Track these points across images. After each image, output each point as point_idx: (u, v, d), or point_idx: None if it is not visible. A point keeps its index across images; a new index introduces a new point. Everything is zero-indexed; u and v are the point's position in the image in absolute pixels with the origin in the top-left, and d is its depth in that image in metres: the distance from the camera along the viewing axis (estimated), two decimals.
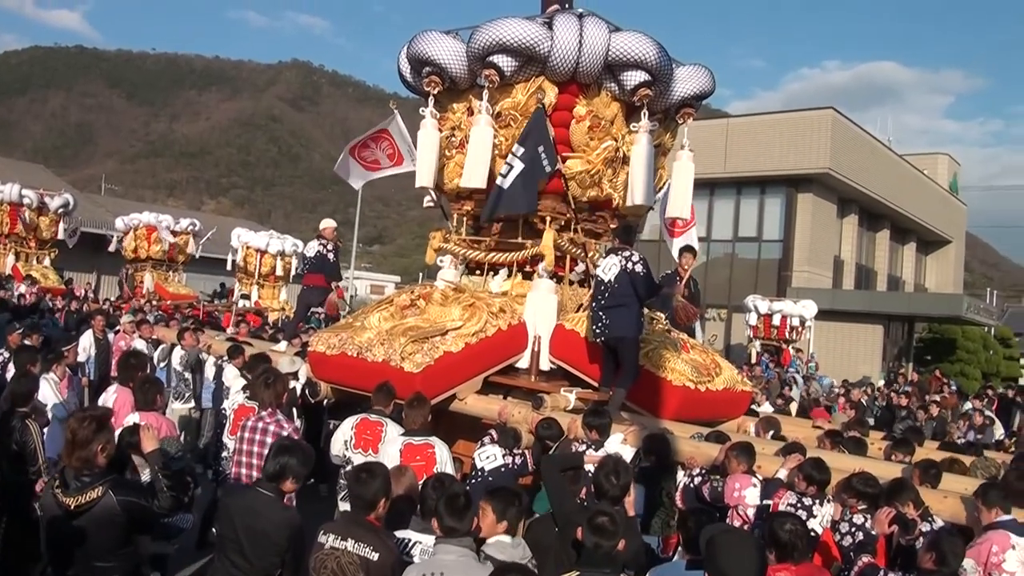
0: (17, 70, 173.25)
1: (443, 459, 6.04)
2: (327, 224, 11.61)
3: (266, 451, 5.77)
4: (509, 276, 9.04)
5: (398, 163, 10.42)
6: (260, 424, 6.05)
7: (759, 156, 30.90)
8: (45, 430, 6.27)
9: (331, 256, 11.30)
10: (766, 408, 12.07)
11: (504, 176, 8.23)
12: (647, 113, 8.62)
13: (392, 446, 6.06)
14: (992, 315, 37.13)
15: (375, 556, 4.01)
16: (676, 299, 9.62)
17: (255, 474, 5.87)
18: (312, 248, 11.42)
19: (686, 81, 8.94)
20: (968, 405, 18.73)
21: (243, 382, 8.08)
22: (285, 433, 5.95)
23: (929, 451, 8.10)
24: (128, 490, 4.23)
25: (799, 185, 31.06)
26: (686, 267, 9.93)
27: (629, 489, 5.07)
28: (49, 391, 7.67)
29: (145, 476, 4.89)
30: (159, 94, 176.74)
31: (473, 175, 8.40)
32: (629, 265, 7.60)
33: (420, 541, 4.46)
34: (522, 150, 8.20)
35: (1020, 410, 18.66)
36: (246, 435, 6.05)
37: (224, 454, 6.95)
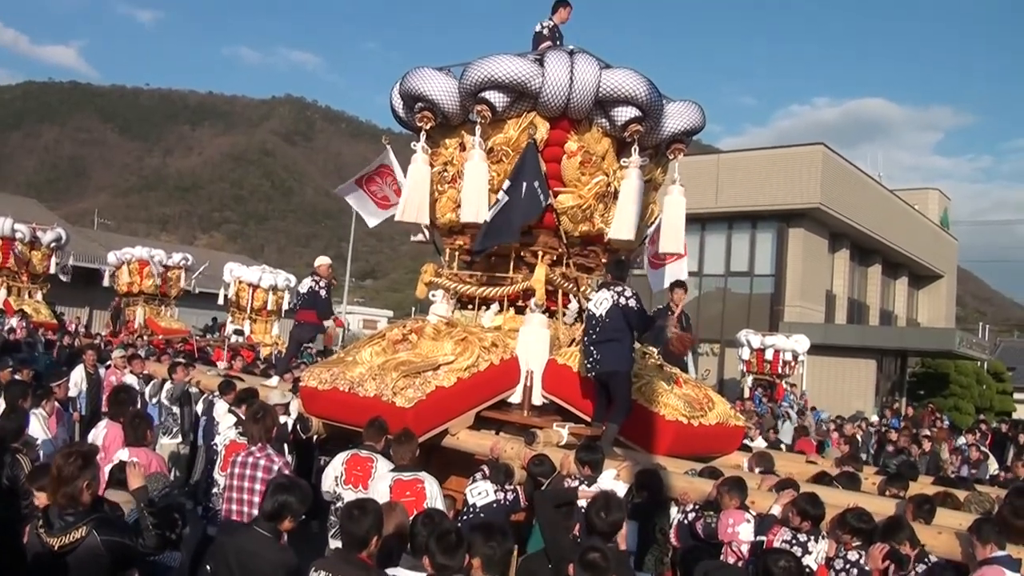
0: (11, 105, 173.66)
1: (433, 494, 5.97)
2: (322, 261, 11.67)
3: (257, 486, 5.83)
4: (501, 311, 9.03)
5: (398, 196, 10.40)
6: (251, 459, 6.02)
7: (750, 191, 31.05)
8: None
9: (323, 293, 11.34)
10: (759, 443, 12.05)
11: (491, 207, 8.27)
12: (638, 149, 8.68)
13: (382, 482, 6.01)
14: (985, 349, 37.18)
15: None
16: (670, 330, 9.61)
17: (246, 510, 5.87)
18: (305, 284, 11.48)
19: (676, 117, 8.99)
20: (961, 440, 18.70)
21: (234, 418, 8.04)
22: (276, 468, 5.95)
23: (923, 486, 8.06)
24: (112, 529, 4.18)
25: (790, 220, 31.18)
26: (678, 302, 9.92)
27: (621, 525, 5.04)
28: (37, 427, 7.61)
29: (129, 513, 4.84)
30: (153, 129, 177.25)
31: (474, 210, 8.42)
32: (622, 300, 7.59)
33: None
34: (508, 184, 8.24)
35: (1014, 445, 18.62)
36: (236, 471, 6.02)
37: (215, 490, 6.91)
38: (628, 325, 7.59)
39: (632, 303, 7.60)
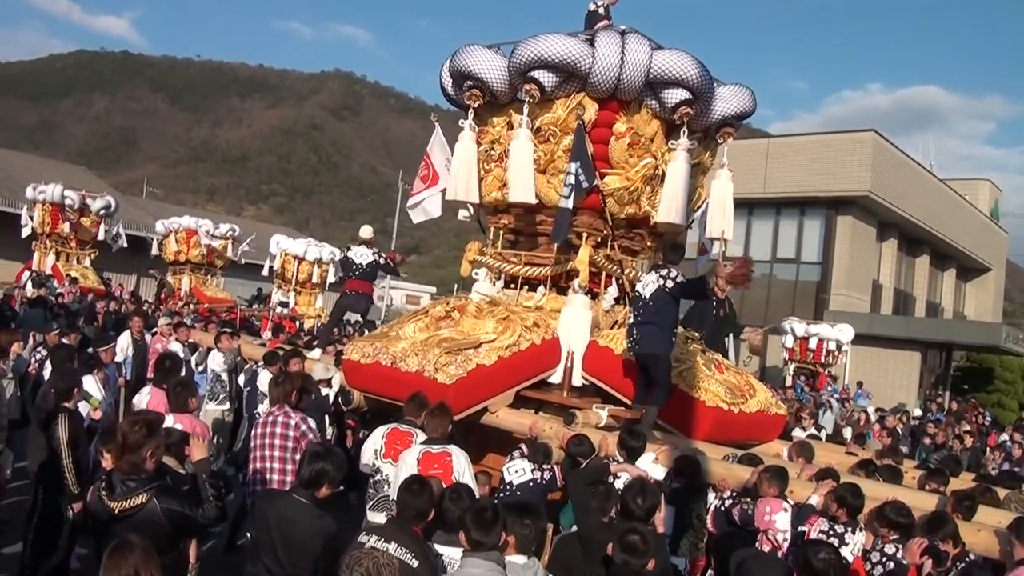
0: (62, 73, 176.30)
1: (461, 468, 5.95)
2: (370, 231, 11.73)
3: (277, 441, 6.23)
4: (547, 291, 9.05)
5: (433, 183, 10.36)
6: (270, 419, 6.39)
7: (799, 177, 30.67)
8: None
9: (385, 265, 11.50)
10: (811, 431, 12.00)
11: (567, 197, 8.20)
12: (687, 132, 8.61)
13: (410, 454, 6.06)
14: None
15: (416, 564, 4.02)
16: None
17: (268, 465, 6.22)
18: (366, 255, 11.47)
19: (727, 101, 8.91)
20: (1004, 436, 18.43)
21: None
22: (293, 423, 6.30)
23: (964, 482, 7.96)
24: (172, 498, 4.25)
25: (839, 207, 30.77)
26: (723, 287, 9.84)
27: (655, 511, 5.04)
28: (93, 386, 7.92)
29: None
30: (202, 100, 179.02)
31: (521, 190, 8.43)
32: (667, 283, 7.56)
33: (442, 554, 4.46)
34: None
35: None
36: (258, 430, 6.41)
37: None
38: (674, 305, 7.57)
39: (679, 279, 7.54)
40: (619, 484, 6.01)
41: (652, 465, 6.54)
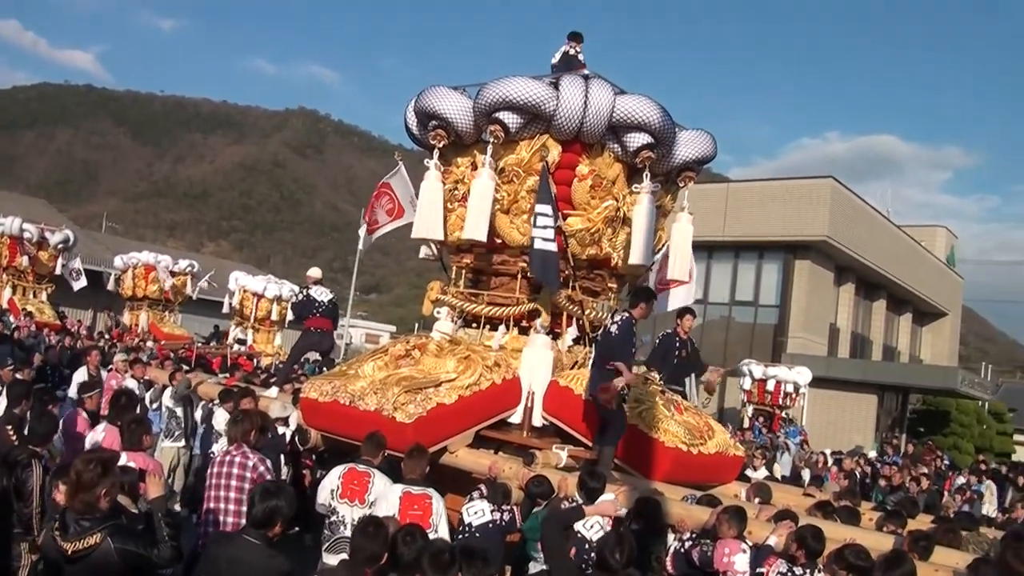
0: (25, 105, 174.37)
1: (439, 511, 6.04)
2: (319, 272, 11.80)
3: (233, 482, 6.07)
4: (508, 330, 9.05)
5: (398, 216, 10.42)
6: (227, 458, 6.24)
7: (758, 221, 31.06)
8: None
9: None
10: (761, 473, 12.06)
11: (550, 240, 8.20)
12: (649, 175, 8.71)
13: (392, 494, 6.05)
14: (987, 389, 37.02)
15: None
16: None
17: (222, 506, 6.06)
18: (326, 293, 11.49)
19: (688, 145, 9.04)
20: (960, 480, 18.63)
21: None
22: (251, 464, 6.15)
23: (921, 523, 8.02)
24: (127, 538, 4.16)
25: (797, 251, 31.17)
26: (686, 329, 9.95)
27: (632, 563, 5.01)
28: None
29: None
30: (165, 135, 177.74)
31: (474, 227, 8.44)
32: (610, 325, 7.73)
33: None
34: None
35: (1013, 486, 18.54)
36: (214, 469, 6.26)
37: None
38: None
39: (613, 328, 7.66)
40: (589, 527, 6.01)
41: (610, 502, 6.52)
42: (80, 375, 11.12)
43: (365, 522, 4.47)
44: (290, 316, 23.56)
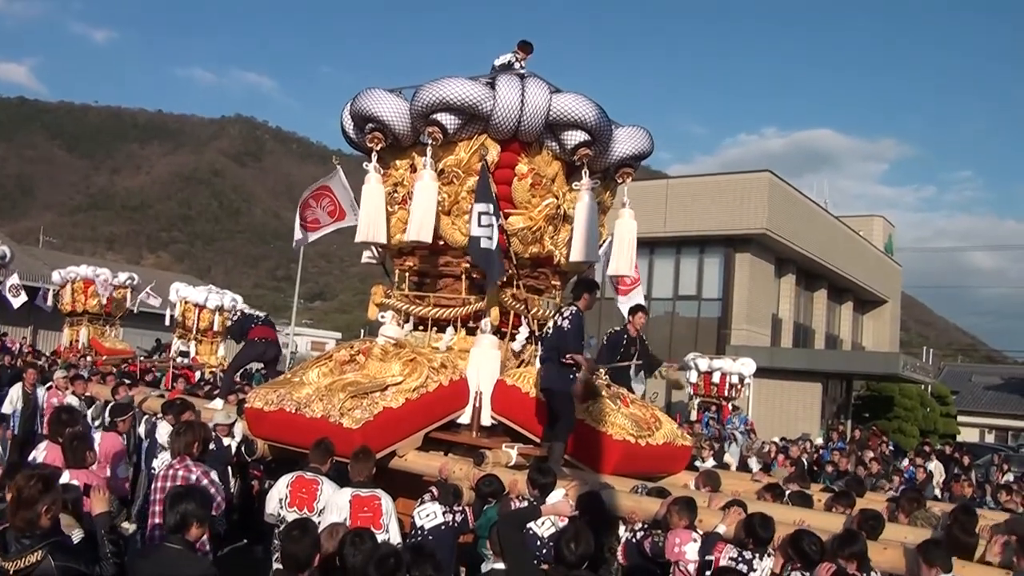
0: None
1: (388, 511, 6.08)
2: None
3: None
4: (455, 332, 9.04)
5: (340, 218, 10.34)
6: (171, 472, 6.21)
7: (698, 216, 31.38)
8: None
9: None
10: (710, 463, 12.20)
11: (490, 238, 8.18)
12: (587, 172, 8.77)
13: (341, 497, 6.03)
14: (929, 373, 37.84)
15: None
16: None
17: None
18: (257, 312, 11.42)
19: (625, 142, 9.12)
20: (905, 461, 19.01)
21: None
22: (193, 478, 6.07)
23: (869, 502, 8.18)
24: (69, 555, 4.08)
25: (737, 245, 31.54)
26: (637, 327, 10.05)
27: (588, 557, 5.04)
28: None
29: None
30: (100, 147, 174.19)
31: (419, 229, 8.40)
32: (559, 320, 7.77)
33: None
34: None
35: (958, 466, 18.98)
36: (157, 484, 6.22)
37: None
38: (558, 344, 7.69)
39: (563, 323, 7.73)
40: (541, 524, 6.05)
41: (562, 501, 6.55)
42: (15, 391, 10.87)
43: (289, 527, 4.44)
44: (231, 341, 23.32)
